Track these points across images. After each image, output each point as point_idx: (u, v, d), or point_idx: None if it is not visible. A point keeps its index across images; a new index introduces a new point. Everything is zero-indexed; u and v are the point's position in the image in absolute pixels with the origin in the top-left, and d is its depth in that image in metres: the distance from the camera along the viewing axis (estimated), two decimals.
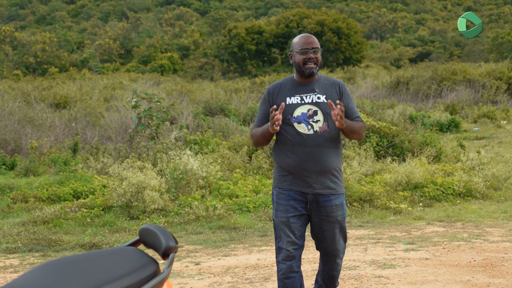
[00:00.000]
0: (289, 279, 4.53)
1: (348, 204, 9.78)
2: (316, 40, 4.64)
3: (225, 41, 56.33)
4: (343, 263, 5.66)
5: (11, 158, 15.00)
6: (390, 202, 9.97)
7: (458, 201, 10.32)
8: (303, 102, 4.53)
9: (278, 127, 4.38)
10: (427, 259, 6.67)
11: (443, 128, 21.06)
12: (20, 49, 60.60)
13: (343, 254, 4.80)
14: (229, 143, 13.90)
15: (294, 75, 4.66)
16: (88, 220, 9.20)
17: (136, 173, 9.89)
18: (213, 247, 7.65)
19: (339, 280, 5.04)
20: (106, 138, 17.37)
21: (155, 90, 25.14)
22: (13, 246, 7.93)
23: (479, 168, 11.53)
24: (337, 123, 4.35)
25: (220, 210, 9.40)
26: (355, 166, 11.33)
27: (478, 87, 28.27)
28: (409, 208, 9.79)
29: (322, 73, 32.47)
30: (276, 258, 4.62)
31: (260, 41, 55.15)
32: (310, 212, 4.57)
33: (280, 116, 4.36)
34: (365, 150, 12.54)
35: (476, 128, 21.90)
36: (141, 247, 3.12)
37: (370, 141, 13.06)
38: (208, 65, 58.93)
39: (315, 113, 4.50)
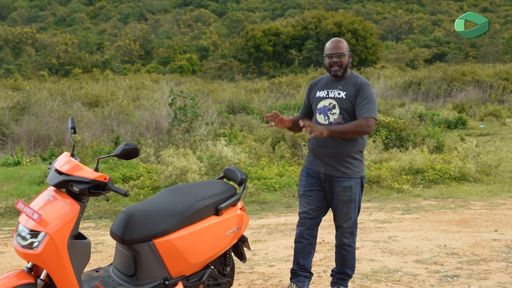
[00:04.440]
0: (299, 243, 5.32)
1: None
2: (343, 45, 5.21)
3: (242, 42, 57.72)
4: None
5: (58, 150, 16.79)
6: (395, 183, 11.79)
7: (453, 184, 12.11)
8: (327, 96, 5.20)
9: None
10: (417, 218, 8.62)
11: (451, 125, 22.52)
12: (43, 50, 61.80)
13: (351, 236, 5.27)
14: (255, 136, 15.72)
15: None
16: (142, 197, 11.05)
17: (180, 159, 11.78)
18: (248, 214, 9.49)
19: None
20: (138, 134, 19.10)
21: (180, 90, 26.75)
22: (85, 214, 9.81)
23: (472, 156, 13.28)
24: (312, 135, 4.96)
25: (251, 189, 11.26)
26: (364, 154, 13.15)
27: (486, 87, 29.70)
28: (410, 188, 11.58)
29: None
30: None
31: (277, 43, 56.49)
32: (325, 189, 5.26)
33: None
34: (374, 141, 14.33)
35: (482, 126, 23.33)
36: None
37: (380, 134, 14.84)
38: (227, 66, 59.92)
39: (334, 106, 5.13)
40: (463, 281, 5.73)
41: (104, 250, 7.32)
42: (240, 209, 5.07)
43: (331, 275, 5.42)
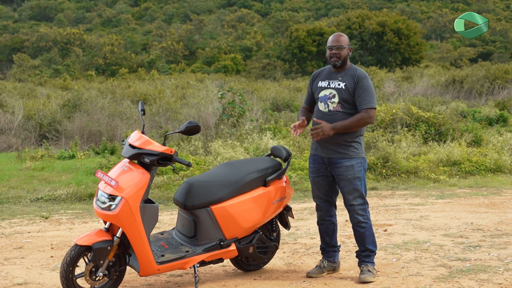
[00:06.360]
0: (322, 225, 5.84)
1: (397, 176, 12.18)
2: (343, 39, 5.62)
3: (286, 42, 58.31)
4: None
5: (111, 145, 17.65)
6: (432, 174, 12.34)
7: (488, 175, 12.63)
8: (328, 86, 5.62)
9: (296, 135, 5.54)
10: (449, 202, 9.29)
11: (492, 122, 22.81)
12: (89, 51, 62.92)
13: (364, 213, 5.61)
14: None
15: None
16: None
17: (228, 150, 12.55)
18: (293, 199, 10.25)
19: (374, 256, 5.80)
20: None
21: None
22: None
23: (508, 149, 13.77)
24: (318, 138, 5.37)
25: (294, 178, 11.96)
26: (403, 147, 13.72)
27: None
28: (447, 179, 12.13)
29: (381, 72, 33.39)
30: None
31: (321, 42, 56.84)
32: (331, 173, 5.63)
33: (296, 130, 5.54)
34: (412, 135, 14.88)
35: None
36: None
37: (419, 129, 15.38)
38: (270, 65, 60.28)
39: (334, 96, 5.55)
40: (484, 250, 6.42)
41: (161, 227, 8.09)
42: (285, 182, 5.84)
43: (356, 257, 5.76)
